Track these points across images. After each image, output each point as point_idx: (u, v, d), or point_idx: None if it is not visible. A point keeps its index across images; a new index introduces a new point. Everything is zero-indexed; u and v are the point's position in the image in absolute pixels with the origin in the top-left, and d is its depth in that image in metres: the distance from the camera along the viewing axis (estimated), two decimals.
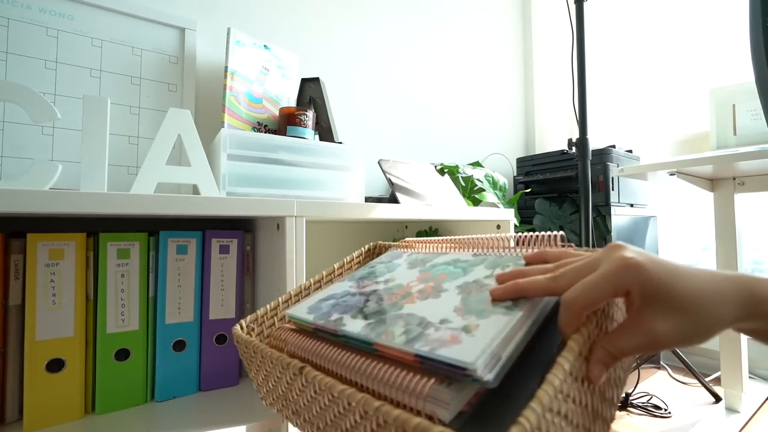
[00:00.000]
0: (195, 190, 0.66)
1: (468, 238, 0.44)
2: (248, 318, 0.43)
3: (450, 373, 0.25)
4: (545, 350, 0.29)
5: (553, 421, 0.22)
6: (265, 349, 0.35)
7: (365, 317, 0.34)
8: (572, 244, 0.37)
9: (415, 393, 0.25)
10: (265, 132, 0.92)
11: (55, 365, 0.56)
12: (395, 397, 0.27)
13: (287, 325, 0.41)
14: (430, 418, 0.24)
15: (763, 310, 0.27)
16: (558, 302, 0.28)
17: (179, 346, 0.65)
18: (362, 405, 0.25)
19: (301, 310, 0.40)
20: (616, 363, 0.27)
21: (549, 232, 0.38)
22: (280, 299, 0.46)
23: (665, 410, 1.10)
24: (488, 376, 0.24)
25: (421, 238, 0.51)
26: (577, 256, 0.32)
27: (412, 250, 0.50)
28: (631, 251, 0.27)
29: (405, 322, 0.31)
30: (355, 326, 0.33)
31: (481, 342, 0.26)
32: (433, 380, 0.25)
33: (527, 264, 0.35)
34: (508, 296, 0.30)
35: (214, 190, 0.65)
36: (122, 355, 0.61)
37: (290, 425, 0.60)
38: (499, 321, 0.28)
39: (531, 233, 0.39)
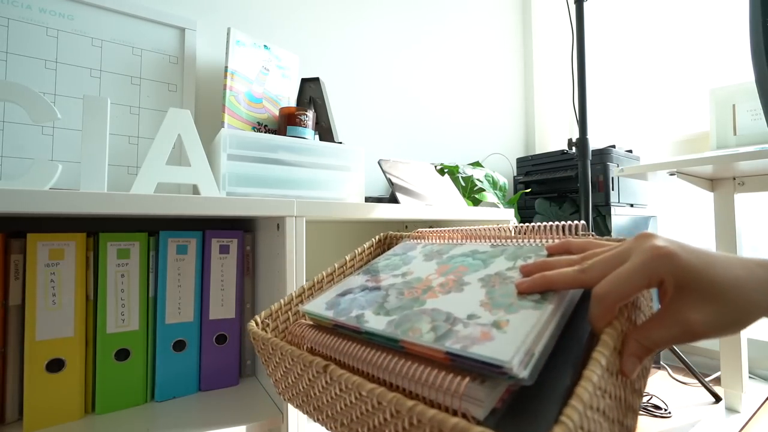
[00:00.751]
0: (195, 190, 0.66)
1: (482, 229, 0.43)
2: (263, 314, 0.43)
3: (484, 371, 0.25)
4: (574, 343, 0.28)
5: (593, 418, 0.22)
6: (285, 346, 0.35)
7: (387, 313, 0.34)
8: (593, 233, 0.36)
9: (450, 391, 0.25)
10: (265, 132, 0.92)
11: (55, 365, 0.56)
12: (427, 395, 0.26)
13: (304, 321, 0.41)
14: (463, 416, 0.24)
15: None
16: (584, 293, 0.27)
17: (179, 346, 0.66)
18: (394, 404, 0.24)
19: (319, 306, 0.39)
20: (650, 355, 0.26)
21: (569, 222, 0.37)
22: (293, 293, 0.45)
23: (665, 410, 1.10)
24: (524, 374, 0.24)
25: (434, 229, 0.49)
26: (602, 246, 0.31)
27: (426, 240, 0.49)
28: (663, 240, 0.26)
29: (431, 318, 0.31)
30: (378, 323, 0.33)
31: (515, 338, 0.25)
32: (467, 379, 0.25)
33: (550, 255, 0.34)
34: (535, 290, 0.29)
35: (214, 190, 0.65)
36: (122, 355, 0.61)
37: (295, 425, 0.60)
38: (529, 316, 0.27)
39: (549, 223, 0.38)
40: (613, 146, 1.30)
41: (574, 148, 1.14)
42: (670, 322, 0.25)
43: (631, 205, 1.34)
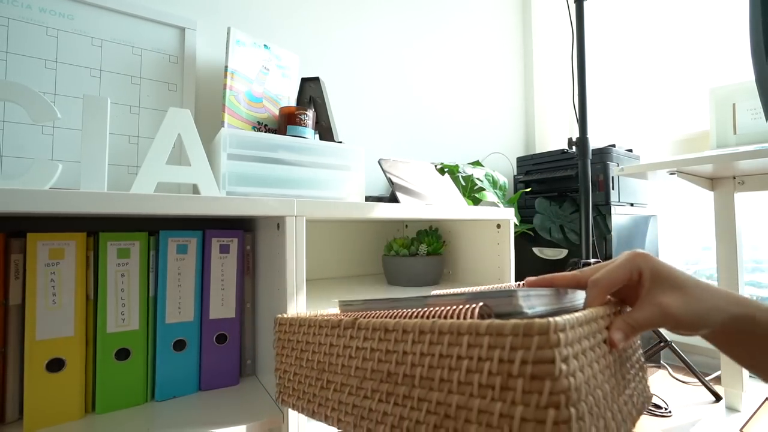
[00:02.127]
0: (195, 189, 0.66)
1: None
2: (288, 313, 0.44)
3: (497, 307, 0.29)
4: None
5: (582, 353, 0.25)
6: (315, 317, 0.37)
7: None
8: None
9: (465, 313, 0.28)
10: (265, 131, 0.92)
11: (55, 365, 0.56)
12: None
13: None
14: None
15: (750, 313, 0.31)
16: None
17: (179, 345, 0.65)
18: (418, 327, 0.28)
19: (348, 301, 0.41)
20: (634, 335, 0.31)
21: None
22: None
23: (666, 409, 1.10)
24: (530, 311, 0.27)
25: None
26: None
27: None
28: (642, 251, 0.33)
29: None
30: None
31: (522, 291, 0.29)
32: (482, 303, 0.28)
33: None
34: (539, 284, 0.36)
35: (214, 190, 0.65)
36: (122, 354, 0.61)
37: (295, 425, 0.60)
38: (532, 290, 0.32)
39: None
40: (613, 145, 1.30)
41: (574, 148, 1.14)
42: (648, 306, 0.31)
43: (631, 205, 1.34)
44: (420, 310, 0.32)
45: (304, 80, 1.01)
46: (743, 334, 0.32)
